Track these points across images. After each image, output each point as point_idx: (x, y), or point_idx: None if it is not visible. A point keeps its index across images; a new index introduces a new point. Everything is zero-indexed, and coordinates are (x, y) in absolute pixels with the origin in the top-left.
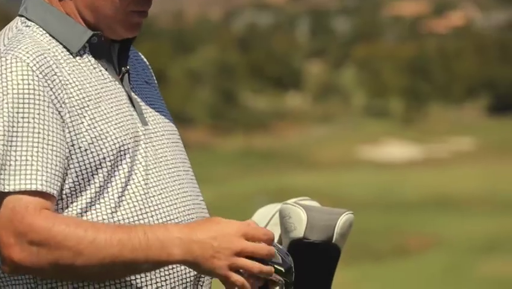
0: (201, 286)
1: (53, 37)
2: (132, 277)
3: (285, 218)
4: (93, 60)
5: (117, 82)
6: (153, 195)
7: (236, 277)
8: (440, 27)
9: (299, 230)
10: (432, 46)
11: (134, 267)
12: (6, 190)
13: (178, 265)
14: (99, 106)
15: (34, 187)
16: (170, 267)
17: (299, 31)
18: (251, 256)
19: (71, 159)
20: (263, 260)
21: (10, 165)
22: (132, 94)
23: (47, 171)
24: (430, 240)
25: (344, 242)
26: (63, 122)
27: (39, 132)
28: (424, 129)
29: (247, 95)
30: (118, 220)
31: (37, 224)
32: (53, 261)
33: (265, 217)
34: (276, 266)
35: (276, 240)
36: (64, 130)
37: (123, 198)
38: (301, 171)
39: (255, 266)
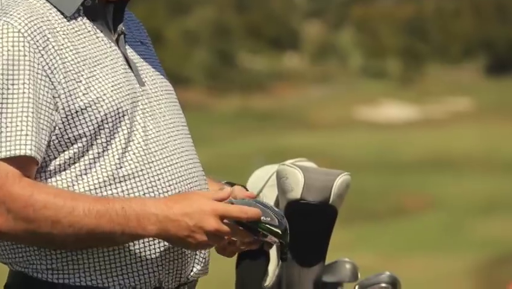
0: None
1: (48, 1)
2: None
3: (282, 179)
4: (87, 23)
5: (112, 44)
6: (153, 156)
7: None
8: None
9: (296, 191)
10: (430, 7)
11: (111, 239)
12: None
13: None
14: (95, 70)
15: (23, 152)
16: None
17: None
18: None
19: (69, 124)
20: (258, 222)
21: (1, 132)
22: (129, 55)
23: (36, 137)
24: (427, 201)
25: (341, 203)
26: (54, 89)
27: (29, 98)
28: (421, 90)
29: (244, 56)
30: (120, 181)
31: (16, 192)
32: (30, 229)
33: (263, 178)
34: (272, 228)
35: (273, 201)
36: (54, 98)
37: (124, 159)
38: (298, 132)
39: (225, 244)
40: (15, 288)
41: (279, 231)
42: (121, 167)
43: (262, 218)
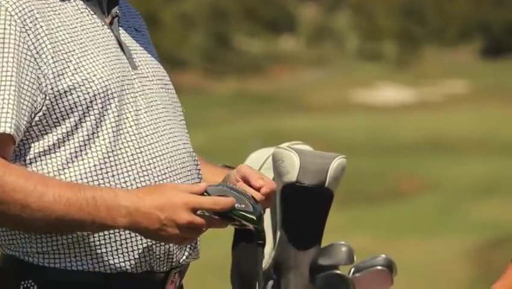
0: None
1: None
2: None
3: (278, 162)
4: (80, 4)
5: (105, 27)
6: (145, 141)
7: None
8: None
9: (291, 174)
10: None
11: (81, 227)
12: None
13: None
14: (86, 51)
15: (1, 130)
16: None
17: None
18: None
19: (57, 104)
20: (232, 209)
21: None
22: (122, 39)
23: (16, 116)
24: (424, 183)
25: (336, 186)
26: (39, 69)
27: (12, 76)
28: (418, 72)
29: (240, 38)
30: (111, 166)
31: None
32: (0, 210)
33: (258, 161)
34: (246, 214)
35: None
36: (39, 78)
37: (116, 142)
38: (295, 115)
39: (194, 236)
40: (6, 271)
41: (254, 217)
42: (112, 151)
43: (236, 205)
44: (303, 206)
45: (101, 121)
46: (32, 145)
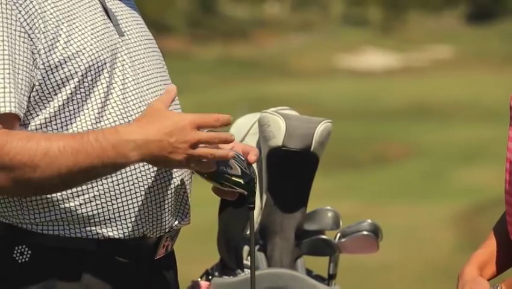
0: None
1: None
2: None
3: (264, 126)
4: None
5: None
6: (132, 109)
7: (193, 166)
8: None
9: (277, 139)
10: None
11: (93, 172)
12: None
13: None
14: (75, 22)
15: (7, 110)
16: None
17: None
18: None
19: (49, 79)
20: (221, 174)
21: None
22: (107, 5)
23: (18, 93)
24: (409, 149)
25: (322, 151)
26: (33, 45)
27: (9, 55)
28: (403, 38)
29: (225, 3)
30: None
31: None
32: (10, 178)
33: (245, 126)
34: (234, 178)
35: None
36: (33, 54)
37: (103, 114)
38: (280, 80)
39: (210, 152)
40: (0, 237)
41: (242, 181)
42: (100, 122)
43: (221, 168)
44: (289, 170)
45: (90, 93)
46: (25, 119)
